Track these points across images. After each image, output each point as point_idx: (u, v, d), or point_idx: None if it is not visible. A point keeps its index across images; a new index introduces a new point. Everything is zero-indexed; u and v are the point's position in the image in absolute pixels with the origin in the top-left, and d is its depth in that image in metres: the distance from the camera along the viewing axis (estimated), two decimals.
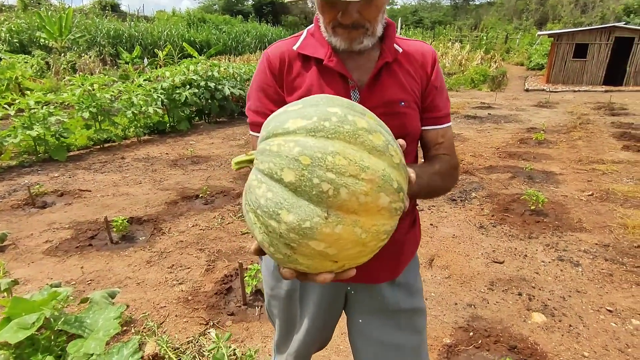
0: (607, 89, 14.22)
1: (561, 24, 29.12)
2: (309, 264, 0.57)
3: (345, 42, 0.86)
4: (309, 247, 0.54)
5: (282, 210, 0.52)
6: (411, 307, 1.04)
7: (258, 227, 0.57)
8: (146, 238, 3.26)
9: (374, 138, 0.56)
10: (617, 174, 4.66)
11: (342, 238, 0.53)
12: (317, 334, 1.09)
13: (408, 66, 0.94)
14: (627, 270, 2.60)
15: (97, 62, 15.39)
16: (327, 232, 0.52)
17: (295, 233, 0.53)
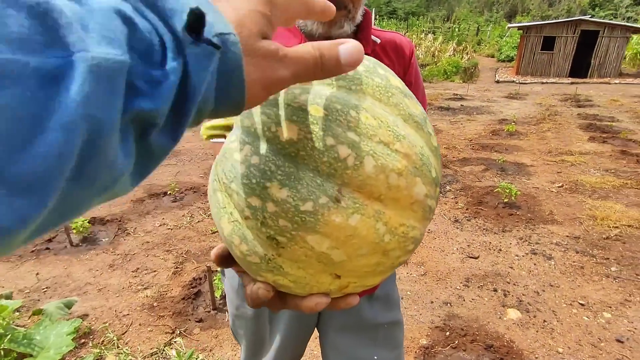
0: (573, 81, 14.67)
1: (529, 17, 29.87)
2: (298, 276, 0.38)
3: (323, 25, 0.75)
4: (305, 245, 0.35)
5: (273, 181, 0.34)
6: (389, 321, 0.98)
7: (229, 213, 0.38)
8: (109, 239, 3.07)
9: (410, 104, 0.39)
10: (584, 165, 4.78)
11: (358, 235, 0.35)
12: (288, 354, 1.00)
13: (385, 59, 0.85)
14: (597, 263, 2.64)
15: None
16: (337, 221, 0.34)
17: (287, 219, 0.34)
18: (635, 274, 2.50)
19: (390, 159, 0.35)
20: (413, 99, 0.41)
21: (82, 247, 2.95)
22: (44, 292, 2.39)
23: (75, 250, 2.89)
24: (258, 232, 0.36)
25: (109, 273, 2.60)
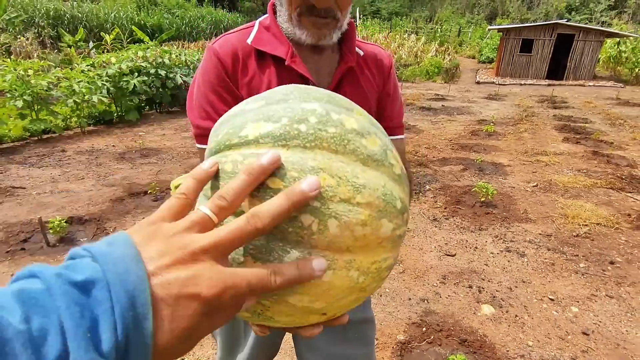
0: (550, 82, 15.09)
1: (509, 19, 30.50)
2: (288, 321, 0.42)
3: (313, 36, 0.76)
4: (287, 305, 0.39)
5: (246, 256, 0.37)
6: (360, 318, 1.01)
7: None
8: (88, 240, 3.03)
9: (367, 143, 0.41)
10: (558, 165, 4.94)
11: (333, 287, 0.38)
12: (262, 351, 1.03)
13: (367, 71, 0.88)
14: (567, 259, 2.75)
15: (35, 44, 14.18)
16: (311, 282, 0.37)
17: None
18: (602, 270, 2.62)
19: (353, 214, 0.37)
20: (372, 134, 0.42)
21: (59, 247, 2.91)
22: None
23: (52, 251, 2.85)
24: None
25: None
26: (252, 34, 0.81)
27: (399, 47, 21.16)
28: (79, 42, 15.55)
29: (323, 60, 0.82)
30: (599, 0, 29.90)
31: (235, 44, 0.80)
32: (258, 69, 0.79)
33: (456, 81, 15.71)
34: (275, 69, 0.79)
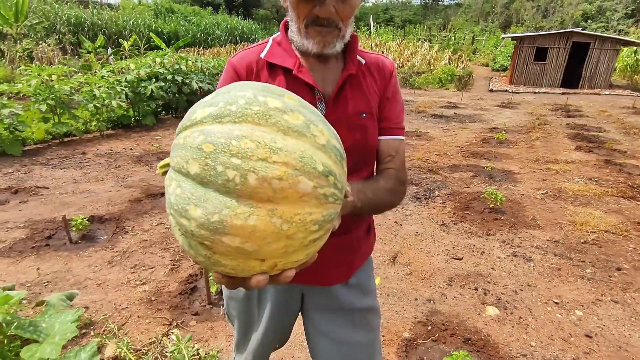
0: (565, 91, 14.97)
1: (524, 28, 30.31)
2: (234, 265, 0.52)
3: (318, 45, 0.85)
4: (223, 244, 0.48)
5: (190, 205, 0.48)
6: (365, 307, 1.09)
7: (177, 230, 0.53)
8: (108, 237, 3.17)
9: (289, 117, 0.51)
10: (569, 173, 4.95)
11: (258, 230, 0.47)
12: (274, 334, 1.12)
13: (369, 77, 0.97)
14: (574, 265, 2.79)
15: (56, 50, 14.64)
16: (239, 224, 0.47)
17: (205, 229, 0.48)
18: (608, 275, 2.65)
19: (269, 170, 0.47)
20: (295, 112, 0.52)
21: (81, 244, 3.05)
22: (45, 286, 2.49)
23: (75, 247, 2.99)
24: (192, 241, 0.51)
25: (107, 269, 2.70)
26: (265, 49, 0.93)
27: (412, 55, 21.22)
28: (98, 48, 16.00)
29: (328, 69, 0.92)
30: (615, 9, 29.54)
31: (251, 58, 0.93)
32: (270, 79, 0.91)
33: (469, 89, 15.70)
34: (285, 78, 0.90)
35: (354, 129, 0.92)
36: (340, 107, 0.92)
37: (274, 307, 1.07)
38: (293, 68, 0.88)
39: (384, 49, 22.25)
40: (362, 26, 32.43)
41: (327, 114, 0.91)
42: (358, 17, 39.00)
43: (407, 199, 4.05)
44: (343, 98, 0.92)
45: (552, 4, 32.18)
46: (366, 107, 0.94)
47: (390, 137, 0.99)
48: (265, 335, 1.10)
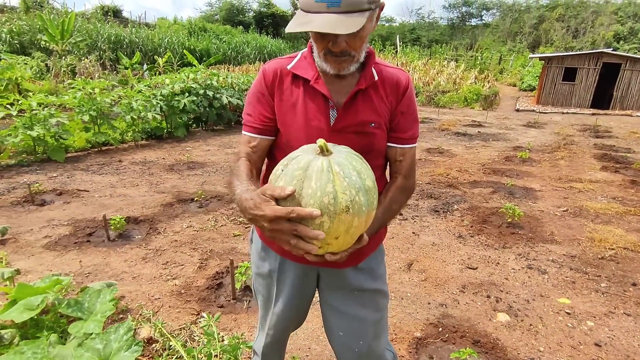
0: (595, 112, 14.68)
1: (553, 48, 29.94)
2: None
3: (334, 69, 1.02)
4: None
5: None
6: (373, 288, 1.22)
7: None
8: (142, 237, 3.42)
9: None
10: (592, 192, 4.92)
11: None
12: (291, 311, 1.26)
13: (382, 91, 1.08)
14: (589, 279, 2.81)
15: (96, 66, 15.55)
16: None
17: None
18: (623, 290, 2.67)
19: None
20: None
21: (118, 241, 3.31)
22: (86, 277, 2.73)
23: (112, 244, 3.24)
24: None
25: (142, 264, 2.93)
26: (293, 62, 1.12)
27: (438, 74, 21.34)
28: (135, 64, 16.90)
29: (343, 83, 1.08)
30: None
31: (279, 66, 1.11)
32: (291, 86, 1.10)
33: (495, 108, 15.63)
34: (304, 87, 1.08)
35: (362, 135, 1.06)
36: (350, 115, 1.05)
37: (292, 286, 1.22)
38: (311, 79, 1.06)
39: (409, 68, 22.46)
40: (389, 45, 32.84)
41: (337, 120, 1.05)
42: (385, 36, 39.55)
43: (425, 212, 4.15)
44: (353, 108, 1.05)
45: (582, 25, 31.72)
46: (375, 118, 1.06)
47: (399, 146, 1.12)
48: (283, 311, 1.25)
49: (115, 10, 30.91)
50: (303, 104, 1.07)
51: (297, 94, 1.08)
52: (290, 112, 1.08)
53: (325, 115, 1.06)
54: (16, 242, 3.20)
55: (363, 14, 0.88)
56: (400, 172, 1.13)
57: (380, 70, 1.10)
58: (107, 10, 29.78)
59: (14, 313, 1.83)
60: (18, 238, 3.27)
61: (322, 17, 0.87)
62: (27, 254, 3.02)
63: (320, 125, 1.06)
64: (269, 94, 1.11)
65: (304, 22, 0.89)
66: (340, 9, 0.86)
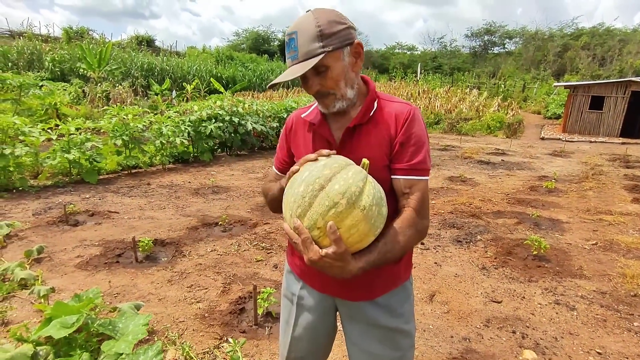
0: (624, 141, 14.29)
1: (579, 76, 29.56)
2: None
3: (323, 108, 1.11)
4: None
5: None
6: (391, 326, 1.19)
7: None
8: (168, 259, 3.52)
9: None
10: (623, 225, 4.76)
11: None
12: (310, 339, 1.28)
13: (381, 125, 1.09)
14: (621, 317, 2.71)
15: (129, 92, 16.31)
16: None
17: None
18: None
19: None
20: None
21: (145, 263, 3.41)
22: (114, 297, 2.82)
23: (140, 266, 3.35)
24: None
25: (167, 287, 3.01)
26: (309, 109, 1.23)
27: (460, 101, 21.34)
28: (164, 91, 17.65)
29: (345, 119, 1.14)
30: None
31: (296, 117, 1.26)
32: (304, 130, 1.23)
33: (519, 136, 15.43)
34: (312, 131, 1.20)
35: None
36: (346, 153, 1.04)
37: (311, 311, 1.26)
38: (315, 123, 1.16)
39: (431, 96, 22.57)
40: (410, 73, 33.19)
41: None
42: (406, 64, 39.96)
43: (447, 242, 4.10)
44: (349, 146, 1.10)
45: (609, 53, 31.32)
46: (370, 154, 1.05)
47: (402, 177, 1.07)
48: (301, 337, 1.27)
49: (148, 39, 32.63)
50: (312, 145, 1.18)
51: (308, 137, 1.20)
52: (302, 153, 1.18)
53: None
54: (51, 261, 3.34)
55: (315, 58, 0.97)
56: (409, 204, 1.06)
57: (382, 106, 1.11)
58: (141, 40, 31.48)
59: (52, 330, 1.92)
60: (53, 257, 3.42)
61: (286, 71, 1.02)
62: (60, 273, 3.15)
63: None
64: (287, 141, 1.28)
65: (278, 78, 1.05)
66: (299, 59, 0.99)
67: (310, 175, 0.89)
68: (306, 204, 0.87)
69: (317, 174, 0.89)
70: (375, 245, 0.96)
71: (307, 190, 0.87)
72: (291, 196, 0.91)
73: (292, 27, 1.01)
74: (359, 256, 0.94)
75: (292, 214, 0.90)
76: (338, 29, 1.00)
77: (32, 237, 3.83)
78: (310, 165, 0.94)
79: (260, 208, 5.11)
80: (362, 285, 1.16)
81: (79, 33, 28.42)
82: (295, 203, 0.89)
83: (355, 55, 1.05)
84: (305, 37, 0.98)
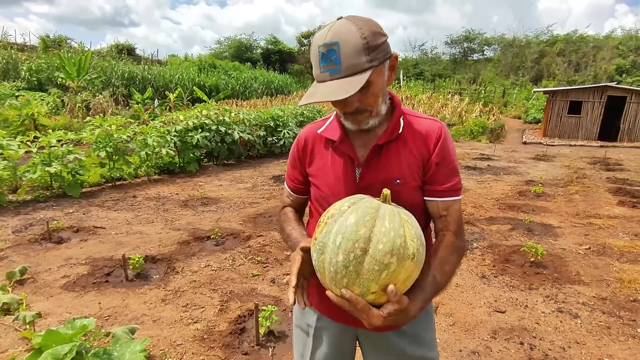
0: (602, 144, 14.70)
1: (555, 81, 30.41)
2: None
3: (354, 125, 1.02)
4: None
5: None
6: (417, 355, 1.14)
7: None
8: (160, 276, 3.37)
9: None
10: (613, 229, 4.83)
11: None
12: None
13: (411, 143, 1.03)
14: (624, 324, 2.71)
15: (110, 101, 15.96)
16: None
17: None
18: None
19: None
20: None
21: (136, 282, 3.26)
22: (106, 320, 2.68)
23: (131, 284, 3.20)
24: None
25: (162, 306, 2.87)
26: (325, 125, 1.13)
27: (442, 107, 21.64)
28: (146, 100, 17.34)
29: (369, 136, 1.06)
30: None
31: (311, 133, 1.16)
32: (322, 148, 1.13)
33: (502, 141, 15.71)
34: (332, 148, 1.10)
35: None
36: (372, 173, 1.02)
37: (329, 345, 1.17)
38: (337, 140, 1.07)
39: (414, 102, 22.83)
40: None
41: (361, 178, 1.03)
42: None
43: None
44: (374, 164, 1.02)
45: (584, 59, 32.35)
46: (400, 174, 1.01)
47: (440, 199, 1.04)
48: None
49: (129, 48, 32.11)
50: (332, 164, 1.09)
51: (327, 155, 1.11)
52: (322, 172, 1.11)
53: (351, 174, 1.05)
54: (35, 282, 3.17)
55: (364, 74, 0.88)
56: (448, 228, 1.03)
57: (410, 122, 1.06)
58: (122, 49, 30.96)
59: None
60: (37, 278, 3.24)
61: (325, 86, 0.89)
62: (45, 295, 2.98)
63: (347, 183, 1.05)
64: (300, 160, 1.18)
65: (311, 94, 0.91)
66: (341, 74, 0.88)
67: (345, 239, 0.78)
68: (352, 273, 0.77)
69: (352, 237, 0.77)
70: (425, 280, 0.90)
71: (349, 259, 0.77)
72: (330, 266, 0.80)
73: (330, 37, 0.87)
74: (413, 297, 0.85)
75: (337, 284, 0.80)
76: (382, 41, 0.91)
77: (13, 256, 3.63)
78: (336, 221, 0.82)
79: (253, 219, 4.99)
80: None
81: (56, 42, 27.76)
82: (338, 274, 0.79)
83: (391, 68, 0.98)
84: (350, 48, 0.86)
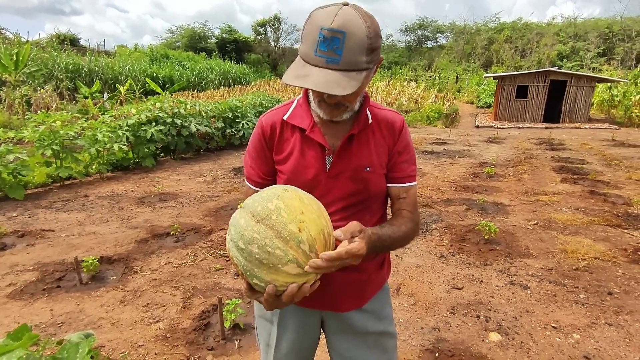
0: (547, 126, 15.62)
1: (504, 67, 31.84)
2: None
3: (327, 115, 1.02)
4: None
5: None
6: (379, 330, 1.19)
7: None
8: (118, 277, 3.24)
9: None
10: (557, 204, 5.18)
11: None
12: (294, 357, 1.22)
13: (378, 133, 1.08)
14: (568, 291, 2.93)
15: (54, 96, 14.94)
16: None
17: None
18: (601, 300, 2.79)
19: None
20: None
21: (91, 284, 3.12)
22: (59, 327, 2.54)
23: (86, 288, 3.05)
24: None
25: (120, 308, 2.77)
26: (289, 111, 1.11)
27: (400, 94, 22.08)
28: (95, 93, 16.39)
29: (339, 127, 1.08)
30: (588, 49, 31.37)
31: (275, 119, 1.11)
32: (289, 135, 1.10)
33: (456, 126, 16.29)
34: (300, 136, 1.08)
35: (357, 180, 1.06)
36: (344, 161, 1.04)
37: (294, 331, 1.19)
38: (307, 129, 1.06)
39: (372, 89, 23.13)
40: None
41: (332, 166, 1.05)
42: None
43: None
44: (347, 153, 1.05)
45: (528, 46, 34.04)
46: (369, 162, 1.06)
47: (401, 185, 1.12)
48: (286, 357, 1.21)
49: (72, 38, 30.11)
50: (300, 152, 1.07)
51: (294, 143, 1.09)
52: (288, 160, 1.09)
53: (321, 162, 1.06)
54: None
55: (361, 73, 0.87)
56: (404, 207, 1.11)
57: (375, 114, 1.10)
58: (64, 39, 28.97)
59: None
60: None
61: (319, 73, 0.85)
62: None
63: (316, 172, 1.06)
64: (268, 147, 1.12)
65: (302, 75, 0.86)
66: (339, 66, 0.84)
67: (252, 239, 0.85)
68: (294, 249, 0.84)
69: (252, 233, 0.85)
70: (379, 227, 0.99)
71: (278, 245, 0.83)
72: (277, 259, 0.85)
73: (337, 24, 0.82)
74: (364, 233, 0.92)
75: (300, 265, 0.84)
76: (379, 45, 0.90)
77: None
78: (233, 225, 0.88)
79: (214, 213, 4.90)
80: (353, 293, 1.13)
81: None
82: (286, 259, 0.84)
83: (375, 70, 0.98)
84: (355, 44, 0.84)
